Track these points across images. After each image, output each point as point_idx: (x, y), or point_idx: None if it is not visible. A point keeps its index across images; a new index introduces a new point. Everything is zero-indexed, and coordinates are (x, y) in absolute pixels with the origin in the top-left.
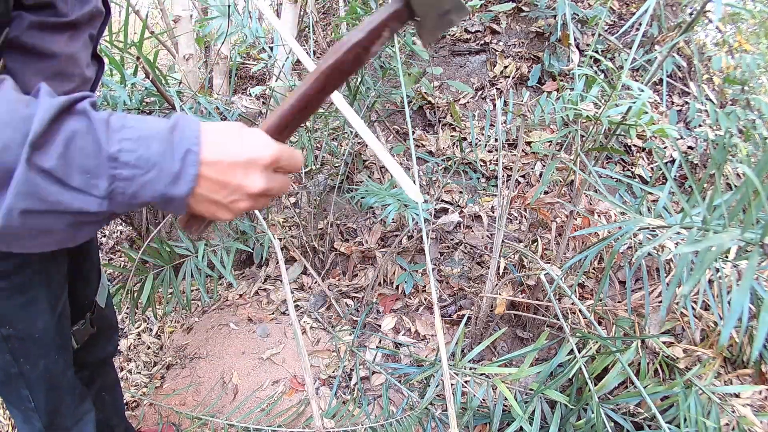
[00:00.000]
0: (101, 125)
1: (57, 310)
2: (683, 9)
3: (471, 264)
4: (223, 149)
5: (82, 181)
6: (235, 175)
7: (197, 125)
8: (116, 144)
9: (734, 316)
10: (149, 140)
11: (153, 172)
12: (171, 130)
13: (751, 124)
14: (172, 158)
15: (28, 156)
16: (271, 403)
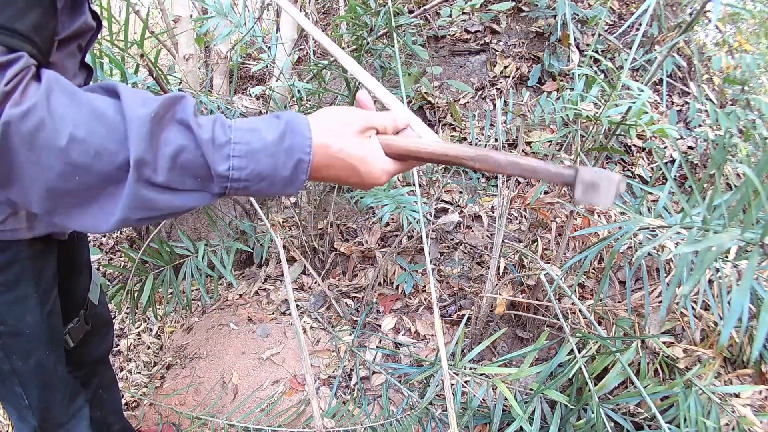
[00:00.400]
0: (207, 144)
1: (47, 307)
2: (683, 9)
3: (471, 264)
4: (354, 159)
5: (196, 185)
6: (352, 178)
7: (307, 128)
8: (224, 162)
9: (734, 316)
10: (259, 154)
11: (264, 182)
12: (281, 140)
13: (751, 124)
14: (284, 168)
15: (136, 176)
16: (271, 403)
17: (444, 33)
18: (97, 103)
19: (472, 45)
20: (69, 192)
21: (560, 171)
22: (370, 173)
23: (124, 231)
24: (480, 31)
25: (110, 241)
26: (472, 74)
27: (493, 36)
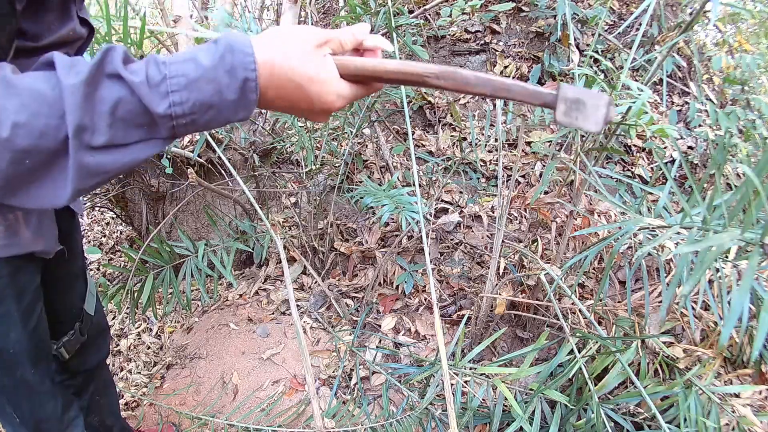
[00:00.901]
0: (142, 87)
1: (30, 323)
2: (683, 9)
3: (471, 264)
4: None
5: (141, 134)
6: (301, 102)
7: (249, 46)
8: (164, 101)
9: (734, 316)
10: (199, 83)
11: (212, 111)
12: (221, 61)
13: (751, 124)
14: (229, 91)
15: (76, 144)
16: (271, 403)
17: (444, 33)
18: (36, 84)
19: (472, 45)
20: (22, 174)
21: (538, 90)
22: (321, 96)
23: (124, 231)
24: (480, 31)
25: (110, 241)
26: None
27: (493, 36)
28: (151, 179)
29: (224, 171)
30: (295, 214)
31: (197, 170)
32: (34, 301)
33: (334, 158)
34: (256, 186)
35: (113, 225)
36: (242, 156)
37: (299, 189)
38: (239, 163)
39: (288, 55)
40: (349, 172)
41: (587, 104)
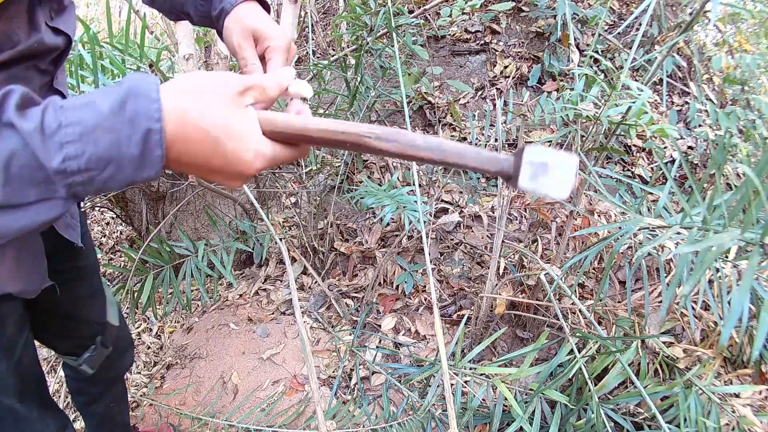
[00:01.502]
0: (34, 137)
1: (13, 357)
2: (683, 9)
3: (471, 264)
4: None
5: (39, 193)
6: (215, 160)
7: (155, 90)
8: (58, 154)
9: (734, 317)
10: (95, 133)
11: (111, 167)
12: (120, 108)
13: (751, 124)
14: (128, 145)
15: None
16: (271, 403)
17: (444, 33)
18: None
19: (472, 45)
20: None
21: (495, 157)
22: (238, 153)
23: (124, 231)
24: (480, 31)
25: (110, 241)
26: (472, 74)
27: (493, 36)
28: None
29: None
30: (295, 214)
31: None
32: (17, 333)
33: (334, 158)
34: (256, 186)
35: (113, 225)
36: None
37: (299, 189)
38: None
39: (202, 104)
40: (349, 172)
41: (554, 167)
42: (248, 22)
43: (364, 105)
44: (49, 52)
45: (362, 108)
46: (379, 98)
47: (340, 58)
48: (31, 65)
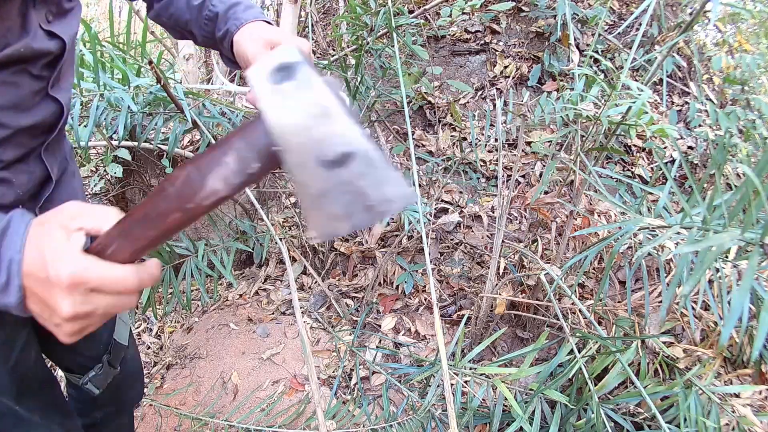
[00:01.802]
0: None
1: (9, 360)
2: (683, 9)
3: (471, 264)
4: (38, 258)
5: None
6: (45, 290)
7: (24, 227)
8: None
9: (734, 317)
10: None
11: None
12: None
13: (751, 124)
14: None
15: None
16: (271, 403)
17: (444, 33)
18: None
19: (472, 45)
20: None
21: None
22: (52, 264)
23: None
24: (480, 31)
25: None
26: (472, 74)
27: (493, 36)
28: (151, 179)
29: None
30: (295, 214)
31: None
32: (14, 334)
33: None
34: (256, 186)
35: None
36: None
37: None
38: None
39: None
40: None
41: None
42: (263, 34)
43: (364, 105)
44: (40, 57)
45: (362, 108)
46: (379, 98)
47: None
48: (20, 69)
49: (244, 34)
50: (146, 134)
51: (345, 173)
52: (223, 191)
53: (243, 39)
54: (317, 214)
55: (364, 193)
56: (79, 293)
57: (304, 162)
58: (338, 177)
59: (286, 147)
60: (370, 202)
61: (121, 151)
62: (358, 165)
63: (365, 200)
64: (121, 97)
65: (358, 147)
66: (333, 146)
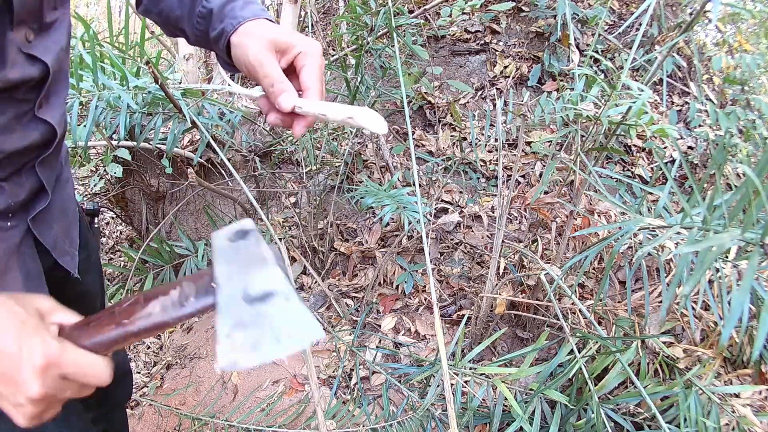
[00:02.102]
0: None
1: None
2: (683, 9)
3: (471, 264)
4: (10, 333)
5: None
6: (14, 367)
7: None
8: None
9: (735, 317)
10: None
11: None
12: None
13: (751, 125)
14: None
15: None
16: (270, 403)
17: (444, 33)
18: None
19: (472, 45)
20: None
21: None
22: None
23: (123, 231)
24: (480, 31)
25: (110, 241)
26: (472, 74)
27: (493, 36)
28: (151, 179)
29: (224, 171)
30: (295, 214)
31: (197, 170)
32: None
33: (334, 158)
34: (256, 186)
35: (113, 225)
36: (243, 157)
37: (299, 189)
38: (239, 163)
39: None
40: (349, 172)
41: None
42: (267, 34)
43: (364, 105)
44: (21, 85)
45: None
46: (380, 98)
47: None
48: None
49: (243, 34)
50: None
51: (264, 308)
52: (158, 316)
53: (242, 39)
54: (228, 344)
55: (276, 327)
56: (51, 376)
57: (233, 296)
58: (257, 311)
59: (222, 282)
60: (279, 336)
61: (121, 151)
62: (277, 301)
63: (277, 334)
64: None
65: (280, 288)
66: (260, 284)
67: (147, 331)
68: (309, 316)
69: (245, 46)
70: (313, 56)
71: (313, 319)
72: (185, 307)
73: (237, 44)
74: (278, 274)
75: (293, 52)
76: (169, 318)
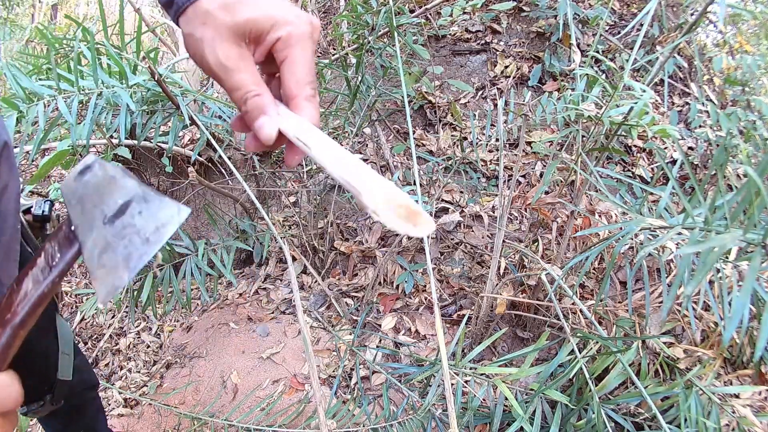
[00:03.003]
0: None
1: None
2: (684, 9)
3: (471, 264)
4: None
5: None
6: None
7: None
8: None
9: (736, 318)
10: None
11: None
12: None
13: (751, 125)
14: None
15: None
16: (270, 402)
17: (445, 32)
18: None
19: (473, 45)
20: None
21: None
22: None
23: None
24: (481, 31)
25: None
26: (473, 74)
27: (493, 36)
28: (151, 178)
29: (224, 170)
30: (295, 213)
31: (197, 169)
32: None
33: None
34: (256, 185)
35: None
36: (242, 155)
37: (299, 188)
38: (239, 162)
39: None
40: None
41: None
42: (227, 18)
43: (364, 104)
44: None
45: (363, 107)
46: (380, 97)
47: (340, 57)
48: None
49: (194, 18)
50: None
51: (125, 219)
52: (34, 291)
53: (194, 30)
54: (101, 274)
55: (141, 228)
56: None
57: (91, 225)
58: (119, 225)
59: (79, 221)
60: (146, 234)
61: (121, 150)
62: (135, 207)
63: (143, 234)
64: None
65: (134, 193)
66: (114, 201)
67: (30, 315)
68: (169, 202)
69: (200, 42)
70: (299, 42)
71: (172, 202)
72: (55, 267)
73: (188, 35)
74: (129, 183)
75: (270, 37)
76: (45, 287)
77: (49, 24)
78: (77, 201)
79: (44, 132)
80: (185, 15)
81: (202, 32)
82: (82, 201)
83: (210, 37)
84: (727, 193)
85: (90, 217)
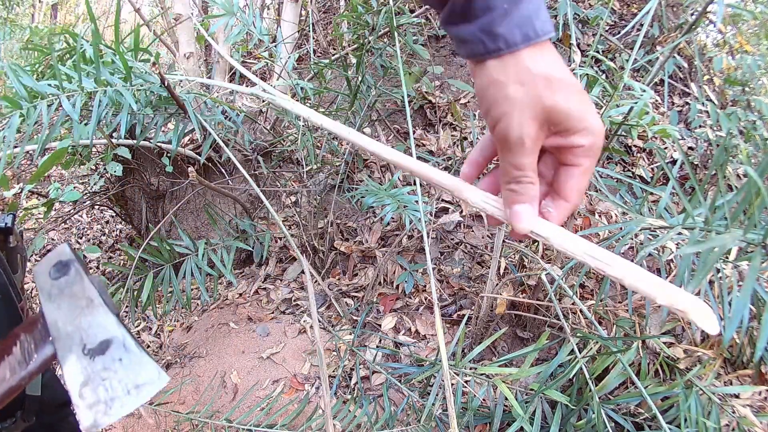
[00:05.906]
0: None
1: None
2: (684, 9)
3: (471, 264)
4: None
5: None
6: None
7: None
8: None
9: (736, 318)
10: None
11: None
12: None
13: (751, 125)
14: None
15: None
16: (270, 402)
17: (445, 32)
18: None
19: None
20: None
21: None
22: None
23: (123, 229)
24: None
25: (109, 240)
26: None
27: None
28: (151, 178)
29: (224, 170)
30: (295, 213)
31: (197, 169)
32: None
33: (334, 157)
34: (257, 185)
35: (113, 223)
36: (244, 156)
37: (299, 188)
38: (241, 162)
39: None
40: (349, 171)
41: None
42: (546, 96)
43: (365, 104)
44: None
45: (363, 107)
46: (380, 97)
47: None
48: None
49: (509, 71)
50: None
51: (105, 360)
52: (10, 381)
53: (504, 90)
54: (83, 404)
55: (122, 378)
56: None
57: (70, 347)
58: (100, 364)
59: (55, 333)
60: (128, 387)
61: (121, 149)
62: (115, 350)
63: (124, 385)
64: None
65: (114, 334)
66: (94, 334)
67: (3, 400)
68: (149, 362)
69: (508, 101)
70: (596, 154)
71: (152, 362)
72: (30, 363)
73: (494, 83)
74: (109, 319)
75: (574, 140)
76: (20, 378)
77: (50, 24)
78: (54, 307)
79: (48, 130)
80: (501, 60)
81: (516, 93)
82: (58, 308)
83: (523, 104)
84: (728, 193)
85: (69, 336)
